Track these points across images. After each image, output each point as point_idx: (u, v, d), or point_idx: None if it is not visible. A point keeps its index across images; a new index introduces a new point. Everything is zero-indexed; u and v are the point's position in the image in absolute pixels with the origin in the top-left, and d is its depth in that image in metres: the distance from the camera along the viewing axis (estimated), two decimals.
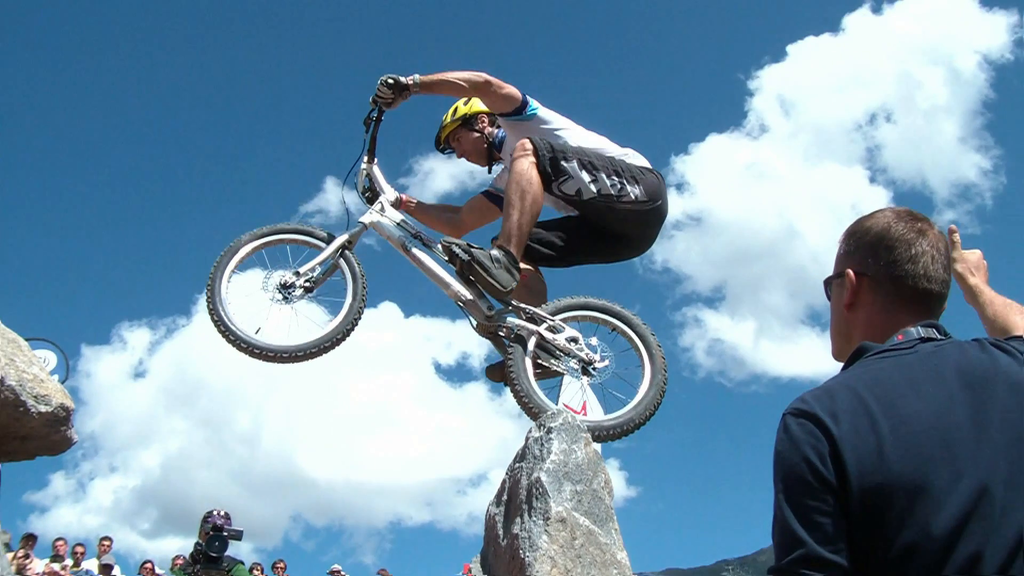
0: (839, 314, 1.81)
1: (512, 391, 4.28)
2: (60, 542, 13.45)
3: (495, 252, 4.37)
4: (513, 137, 4.94)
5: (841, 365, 1.76)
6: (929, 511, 1.42)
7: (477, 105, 5.00)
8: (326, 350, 4.40)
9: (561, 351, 4.37)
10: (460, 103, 5.02)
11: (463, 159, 5.16)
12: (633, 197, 4.53)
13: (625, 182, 4.53)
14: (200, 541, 7.76)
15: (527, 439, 3.87)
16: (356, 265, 4.57)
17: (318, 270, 4.54)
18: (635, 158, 4.71)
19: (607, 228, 4.71)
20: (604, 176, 4.51)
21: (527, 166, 4.44)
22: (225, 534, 7.76)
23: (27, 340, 4.38)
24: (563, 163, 4.49)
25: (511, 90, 4.69)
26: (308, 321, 4.49)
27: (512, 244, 4.38)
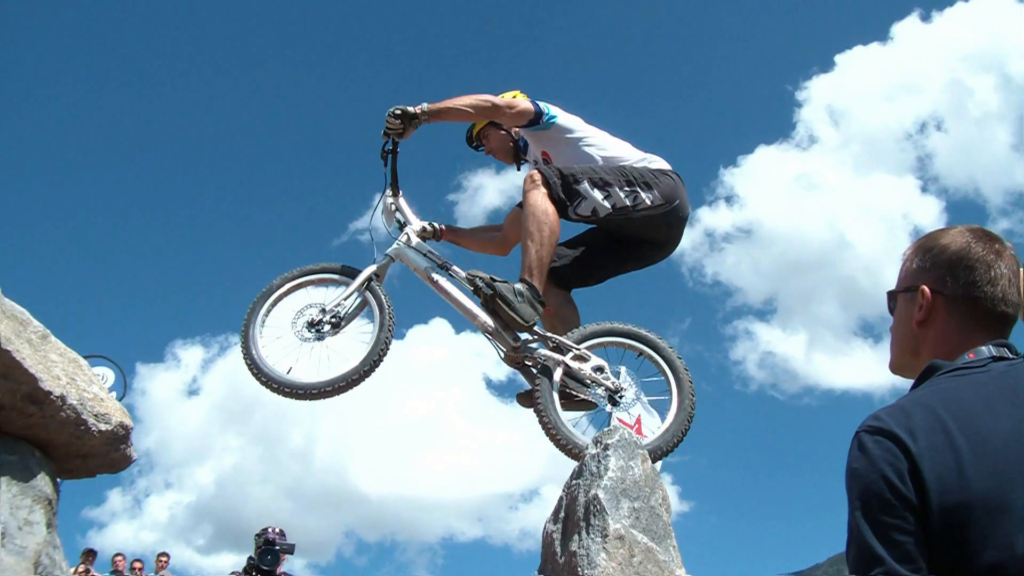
0: (908, 329, 1.78)
1: (540, 423, 4.26)
2: (119, 557, 13.68)
3: (519, 286, 4.36)
4: (535, 145, 4.93)
5: (893, 375, 1.78)
6: (1012, 530, 1.39)
7: (510, 99, 4.98)
8: (356, 383, 4.45)
9: (588, 380, 4.32)
10: None
11: (491, 156, 5.19)
12: (649, 203, 4.49)
13: (639, 190, 4.51)
14: (253, 556, 7.85)
15: (584, 456, 3.83)
16: (383, 297, 4.60)
17: (345, 306, 4.58)
18: (654, 162, 4.68)
19: (629, 236, 4.69)
20: (617, 189, 4.49)
21: (540, 198, 4.44)
22: (277, 548, 7.85)
23: (85, 358, 4.44)
24: (575, 186, 4.48)
25: (520, 108, 4.70)
26: (338, 356, 4.54)
27: (534, 278, 4.37)
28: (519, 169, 5.18)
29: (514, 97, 4.91)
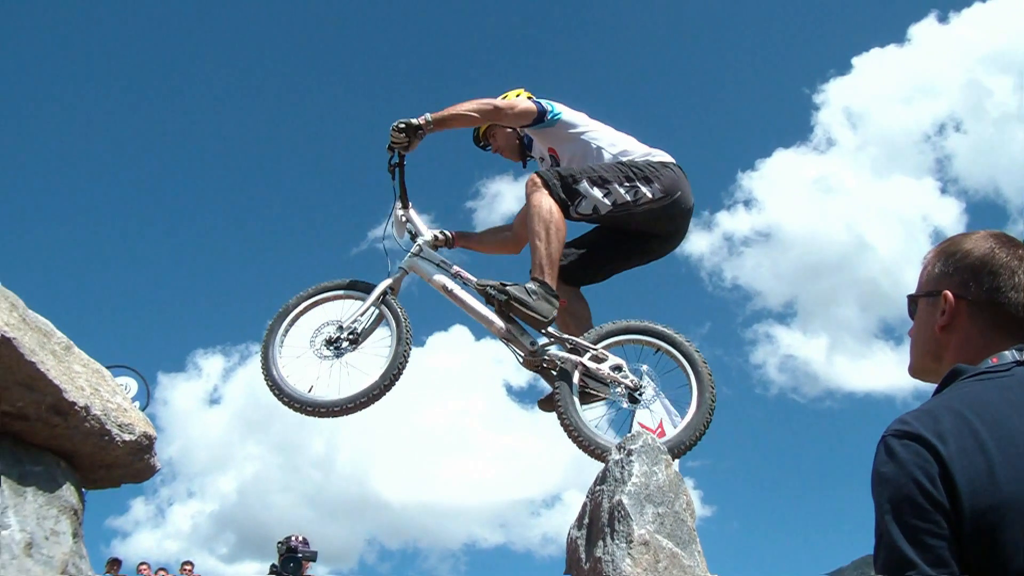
0: (930, 333, 1.77)
1: (562, 426, 4.24)
2: (144, 566, 13.75)
3: (531, 285, 4.38)
4: (541, 142, 4.94)
5: (911, 378, 1.79)
6: None
7: (509, 98, 4.98)
8: (377, 397, 4.48)
9: (607, 380, 4.31)
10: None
11: (499, 154, 5.21)
12: (650, 196, 4.50)
13: (639, 184, 4.51)
14: (276, 564, 7.90)
15: (607, 462, 3.81)
16: (398, 310, 4.62)
17: (361, 321, 4.61)
18: (657, 156, 4.68)
19: (634, 231, 4.69)
20: (616, 186, 4.50)
21: (543, 197, 4.46)
22: (300, 555, 7.90)
23: (109, 368, 4.46)
24: (574, 186, 4.49)
25: (522, 108, 4.71)
26: (358, 372, 4.56)
27: (546, 274, 4.38)
28: (525, 166, 5.23)
29: (517, 96, 4.93)
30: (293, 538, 7.97)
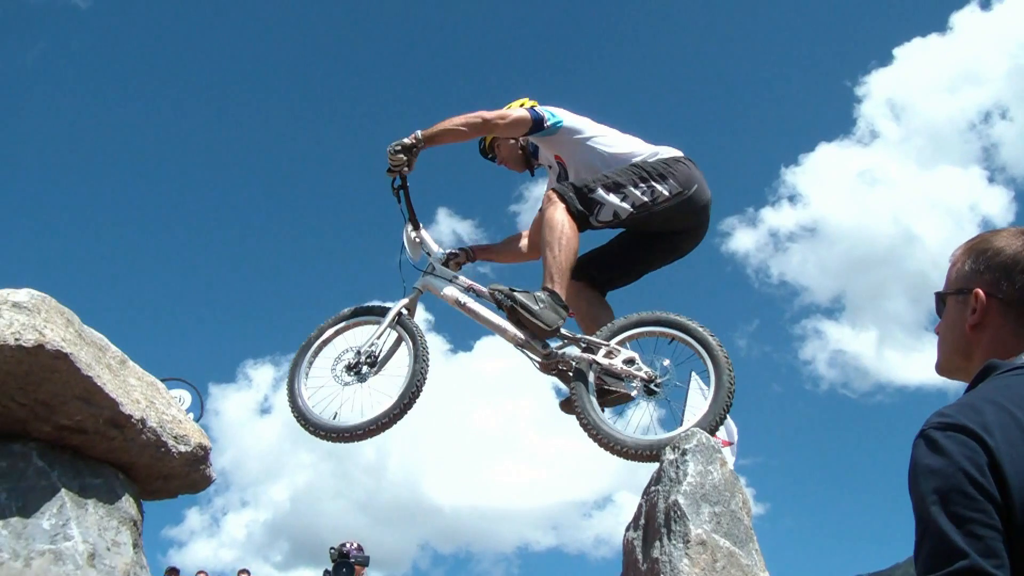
0: (959, 332, 1.74)
1: (581, 426, 4.22)
2: (202, 574, 13.93)
3: (539, 293, 4.35)
4: (547, 150, 4.92)
5: (939, 377, 1.79)
6: None
7: (503, 110, 4.97)
8: (398, 416, 4.51)
9: (622, 374, 4.27)
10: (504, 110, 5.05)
11: (504, 166, 5.19)
12: (667, 194, 4.45)
13: (654, 183, 4.47)
14: (329, 570, 7.97)
15: (662, 462, 3.78)
16: (414, 329, 4.65)
17: (378, 344, 4.64)
18: (665, 153, 4.64)
19: (656, 230, 4.66)
20: (632, 188, 4.46)
21: (557, 212, 4.44)
22: (352, 560, 7.95)
23: (163, 380, 4.53)
24: (590, 195, 4.45)
25: (514, 118, 4.67)
26: (382, 394, 4.59)
27: (555, 284, 4.35)
28: (533, 175, 5.22)
29: (508, 108, 4.92)
30: (347, 544, 8.03)
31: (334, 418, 4.56)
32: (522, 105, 4.95)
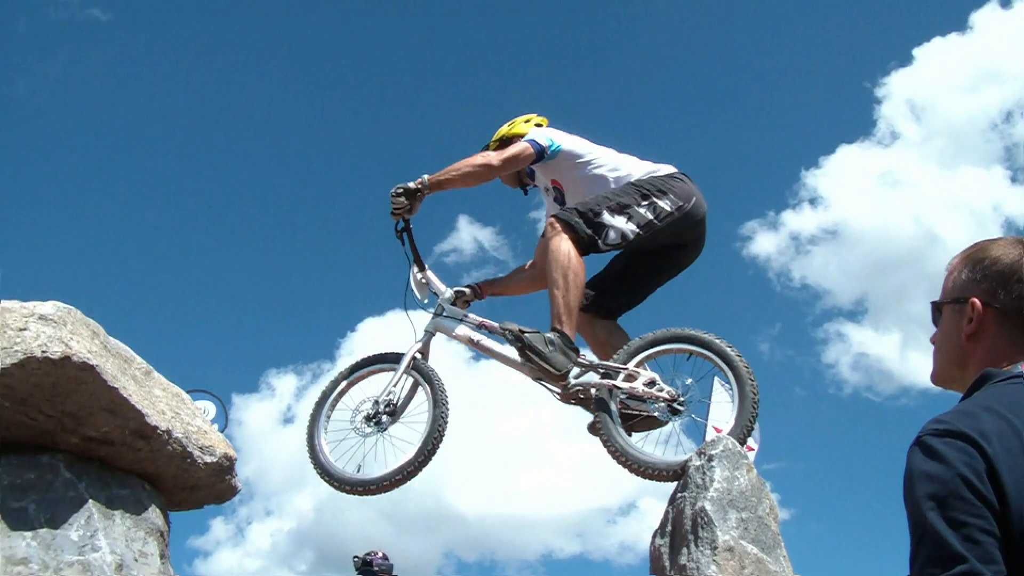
0: (956, 341, 1.73)
1: (608, 453, 4.18)
2: None
3: (549, 335, 4.32)
4: (543, 175, 4.93)
5: (934, 387, 1.77)
6: None
7: (517, 127, 5.00)
8: (423, 464, 4.46)
9: (644, 397, 4.23)
10: (504, 126, 5.07)
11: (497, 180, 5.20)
12: (670, 210, 4.48)
13: (655, 199, 4.49)
14: None
15: (688, 468, 3.75)
16: (429, 373, 4.62)
17: (395, 392, 4.62)
18: (661, 170, 4.67)
19: (658, 247, 4.67)
20: (636, 208, 4.47)
21: (561, 243, 4.41)
22: (375, 569, 7.97)
23: (188, 392, 4.55)
24: (596, 219, 4.45)
25: (516, 155, 4.69)
26: (404, 442, 4.56)
27: (564, 325, 4.33)
28: (526, 194, 5.25)
29: (511, 127, 4.97)
30: (371, 553, 8.05)
31: (358, 471, 4.54)
32: (527, 122, 4.98)
